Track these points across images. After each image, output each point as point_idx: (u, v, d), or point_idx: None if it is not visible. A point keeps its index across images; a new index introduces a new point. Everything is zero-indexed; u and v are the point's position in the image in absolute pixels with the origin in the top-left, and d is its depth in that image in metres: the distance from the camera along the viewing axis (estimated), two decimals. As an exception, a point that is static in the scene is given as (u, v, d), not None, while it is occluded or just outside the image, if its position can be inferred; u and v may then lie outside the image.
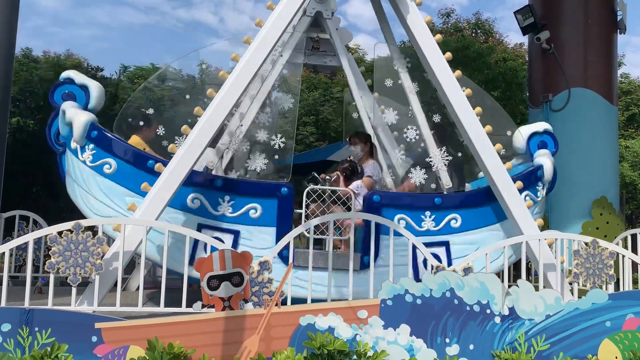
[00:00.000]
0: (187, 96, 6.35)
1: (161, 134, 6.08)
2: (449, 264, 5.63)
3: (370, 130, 7.05)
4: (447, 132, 6.57)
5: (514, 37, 35.20)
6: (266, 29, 5.35)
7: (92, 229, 5.55)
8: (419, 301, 4.40)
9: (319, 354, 4.03)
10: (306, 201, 5.71)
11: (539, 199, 6.29)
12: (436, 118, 6.49)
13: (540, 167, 6.29)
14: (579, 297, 4.84)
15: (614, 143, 9.35)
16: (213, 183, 5.56)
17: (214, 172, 5.90)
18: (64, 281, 4.75)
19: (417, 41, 5.75)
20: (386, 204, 5.86)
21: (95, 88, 5.64)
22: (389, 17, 6.98)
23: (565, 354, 4.50)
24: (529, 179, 6.19)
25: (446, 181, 6.30)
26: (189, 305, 4.41)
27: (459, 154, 6.41)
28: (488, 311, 4.46)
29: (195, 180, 5.48)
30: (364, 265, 5.61)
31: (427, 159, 6.21)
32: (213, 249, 4.61)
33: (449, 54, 5.91)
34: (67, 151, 5.73)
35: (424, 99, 6.73)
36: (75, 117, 5.39)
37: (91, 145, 5.48)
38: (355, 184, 6.36)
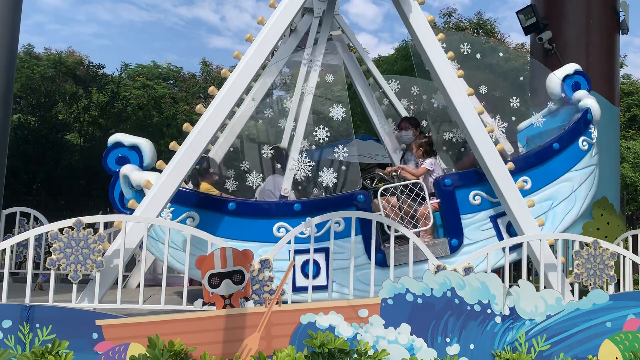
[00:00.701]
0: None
1: (217, 177, 6.16)
2: None
3: (373, 129, 7.06)
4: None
5: (515, 37, 35.25)
6: (268, 27, 5.35)
7: (93, 226, 5.55)
8: (419, 300, 4.40)
9: (320, 353, 4.04)
10: (382, 202, 5.81)
11: (594, 140, 6.35)
12: (483, 89, 6.47)
13: (587, 110, 6.30)
14: (580, 297, 4.84)
15: (616, 144, 9.35)
16: (293, 209, 5.58)
17: (289, 198, 5.89)
18: (64, 278, 4.75)
19: (420, 40, 5.74)
20: (458, 185, 5.97)
21: (146, 145, 5.52)
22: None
23: (565, 355, 4.50)
24: (582, 124, 6.23)
25: (508, 147, 6.37)
26: (189, 302, 4.41)
27: (513, 118, 6.43)
28: (489, 311, 4.46)
29: (277, 211, 5.56)
30: (452, 249, 5.76)
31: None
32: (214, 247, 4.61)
33: (451, 54, 5.90)
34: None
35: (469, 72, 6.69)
36: (142, 179, 5.20)
37: (168, 204, 5.32)
38: (429, 162, 6.40)
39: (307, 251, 4.99)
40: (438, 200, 6.02)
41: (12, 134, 13.52)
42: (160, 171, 5.24)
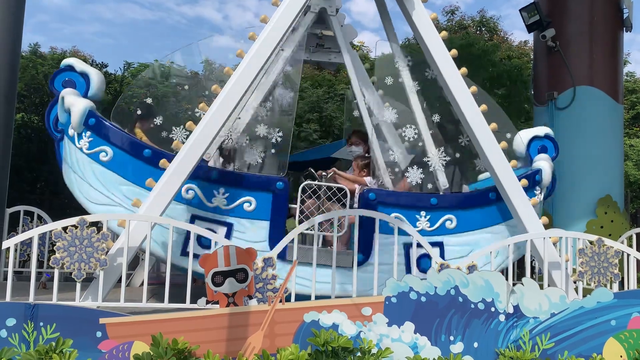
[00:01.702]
0: (186, 87, 6.35)
1: (159, 124, 6.07)
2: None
3: (370, 129, 7.03)
4: (447, 132, 6.55)
5: (519, 34, 35.11)
6: (271, 25, 5.35)
7: (97, 225, 5.55)
8: (423, 299, 4.39)
9: (323, 351, 4.03)
10: (301, 196, 5.71)
11: (537, 202, 6.27)
12: (436, 118, 6.46)
13: (538, 171, 6.25)
14: (584, 295, 4.82)
15: (619, 141, 9.31)
16: (208, 175, 5.55)
17: (210, 164, 5.88)
18: (68, 276, 4.76)
19: (423, 38, 5.74)
20: (382, 202, 5.86)
21: (95, 75, 5.64)
22: (394, 14, 6.96)
23: (570, 353, 4.49)
24: (528, 182, 6.14)
25: (443, 181, 6.28)
26: (193, 301, 4.41)
27: (458, 155, 6.38)
28: (492, 309, 4.45)
29: (193, 173, 5.46)
30: (357, 263, 5.61)
31: (424, 159, 6.19)
32: (205, 241, 4.62)
33: (454, 51, 5.89)
34: (65, 138, 5.74)
35: (424, 98, 6.70)
36: (74, 103, 5.40)
37: (88, 133, 5.48)
38: (369, 179, 6.36)
39: (208, 219, 5.27)
40: None
41: (16, 133, 13.55)
42: (157, 165, 5.26)
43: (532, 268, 7.11)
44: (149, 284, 4.70)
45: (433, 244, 5.75)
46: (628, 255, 5.50)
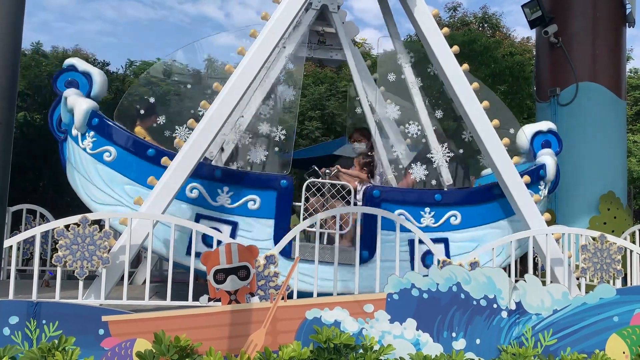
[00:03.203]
0: (189, 86, 6.35)
1: (162, 124, 6.07)
2: None
3: (372, 125, 7.02)
4: (451, 128, 6.54)
5: (521, 31, 35.04)
6: (272, 22, 5.34)
7: (99, 223, 5.55)
8: (425, 295, 4.39)
9: (325, 348, 4.04)
10: (305, 194, 5.71)
11: (541, 198, 6.26)
12: (439, 114, 6.44)
13: (542, 166, 6.24)
14: (587, 292, 4.82)
15: (622, 138, 9.28)
16: (212, 173, 5.54)
17: (213, 163, 5.88)
18: (70, 274, 4.77)
19: (425, 34, 5.72)
20: (385, 199, 5.83)
21: (97, 75, 5.64)
22: (395, 10, 6.94)
23: (572, 349, 4.49)
24: (532, 177, 6.14)
25: (447, 178, 6.27)
26: (195, 298, 4.41)
27: (461, 151, 6.37)
28: (495, 306, 4.44)
29: (195, 171, 5.44)
30: (362, 260, 5.61)
31: (428, 155, 6.18)
32: (210, 239, 4.62)
33: (456, 48, 5.87)
34: (69, 138, 5.75)
35: (427, 94, 6.68)
36: (77, 104, 5.39)
37: (92, 133, 5.48)
38: (376, 179, 6.36)
39: (213, 218, 5.28)
40: None
41: (18, 132, 13.57)
42: (165, 168, 5.25)
43: (535, 265, 7.09)
44: (151, 281, 4.70)
45: (438, 240, 5.75)
46: (631, 251, 5.49)
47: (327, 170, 6.40)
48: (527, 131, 6.49)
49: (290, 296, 4.48)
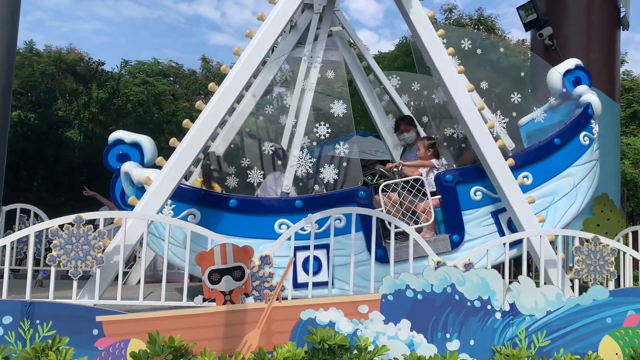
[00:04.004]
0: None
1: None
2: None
3: (373, 125, 7.06)
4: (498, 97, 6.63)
5: (516, 33, 35.14)
6: (268, 22, 5.34)
7: (93, 223, 5.53)
8: (419, 296, 4.40)
9: (320, 349, 4.04)
10: (383, 197, 5.84)
11: (595, 136, 6.35)
12: (484, 85, 6.45)
13: (588, 105, 6.30)
14: (580, 293, 4.84)
15: (616, 140, 9.34)
16: (294, 206, 5.58)
17: (290, 195, 5.88)
18: (64, 274, 4.75)
19: (420, 36, 5.73)
20: (460, 181, 5.98)
21: (147, 143, 5.45)
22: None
23: (565, 350, 4.51)
24: (583, 119, 6.23)
25: (509, 143, 6.34)
26: (190, 299, 4.41)
27: (514, 114, 6.43)
28: (489, 307, 4.46)
29: (279, 208, 5.57)
30: (454, 244, 5.80)
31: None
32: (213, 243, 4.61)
33: (451, 49, 5.89)
34: None
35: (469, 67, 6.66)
36: (143, 176, 5.16)
37: (169, 201, 5.34)
38: (436, 162, 6.45)
39: (308, 247, 4.98)
40: (439, 197, 6.02)
41: (12, 131, 13.50)
42: (160, 168, 5.23)
43: (529, 266, 7.12)
44: (145, 282, 4.69)
45: None
46: (624, 253, 5.51)
47: (395, 169, 6.47)
48: (560, 70, 6.54)
49: (284, 297, 4.48)
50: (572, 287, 5.33)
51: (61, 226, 4.42)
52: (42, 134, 15.14)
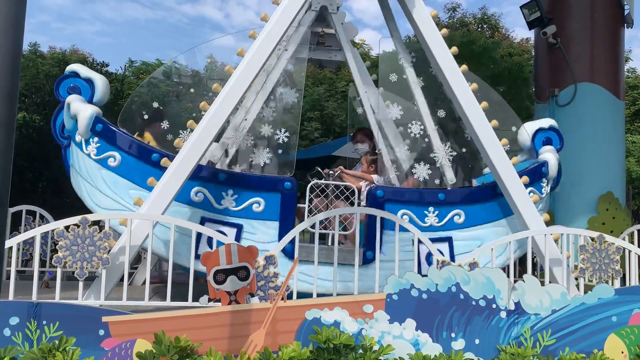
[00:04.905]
0: (192, 90, 6.36)
1: (165, 128, 6.09)
2: (452, 259, 5.63)
3: (374, 126, 7.03)
4: (453, 127, 6.55)
5: (520, 32, 35.08)
6: (272, 23, 5.35)
7: (99, 223, 5.55)
8: (424, 296, 4.40)
9: (325, 348, 4.05)
10: (309, 196, 5.72)
11: (543, 195, 6.28)
12: (441, 113, 6.46)
13: (545, 163, 6.26)
14: (585, 292, 4.83)
15: (621, 138, 9.29)
16: (217, 177, 5.57)
17: (217, 166, 5.90)
18: (70, 275, 4.77)
19: (423, 35, 5.73)
20: (389, 199, 5.86)
21: (100, 81, 5.65)
22: (394, 11, 6.95)
23: (571, 349, 4.50)
24: (534, 174, 6.17)
25: (450, 177, 6.29)
26: (195, 299, 4.42)
27: (464, 150, 6.39)
28: (494, 306, 4.46)
29: (199, 174, 5.49)
30: (366, 260, 5.62)
31: (431, 155, 6.20)
32: (219, 243, 4.62)
33: (454, 49, 5.89)
34: (72, 144, 5.76)
35: (429, 94, 6.69)
36: (80, 110, 5.41)
37: (96, 139, 5.48)
38: (377, 177, 6.39)
39: (219, 222, 5.33)
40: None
41: (18, 133, 13.56)
42: (165, 169, 5.26)
43: (534, 265, 7.11)
44: (151, 282, 4.71)
45: (442, 239, 5.80)
46: (629, 251, 5.51)
47: (331, 172, 6.42)
48: (528, 128, 6.51)
49: (290, 296, 4.49)
50: (577, 286, 5.33)
51: (67, 227, 4.44)
52: (47, 135, 15.20)
